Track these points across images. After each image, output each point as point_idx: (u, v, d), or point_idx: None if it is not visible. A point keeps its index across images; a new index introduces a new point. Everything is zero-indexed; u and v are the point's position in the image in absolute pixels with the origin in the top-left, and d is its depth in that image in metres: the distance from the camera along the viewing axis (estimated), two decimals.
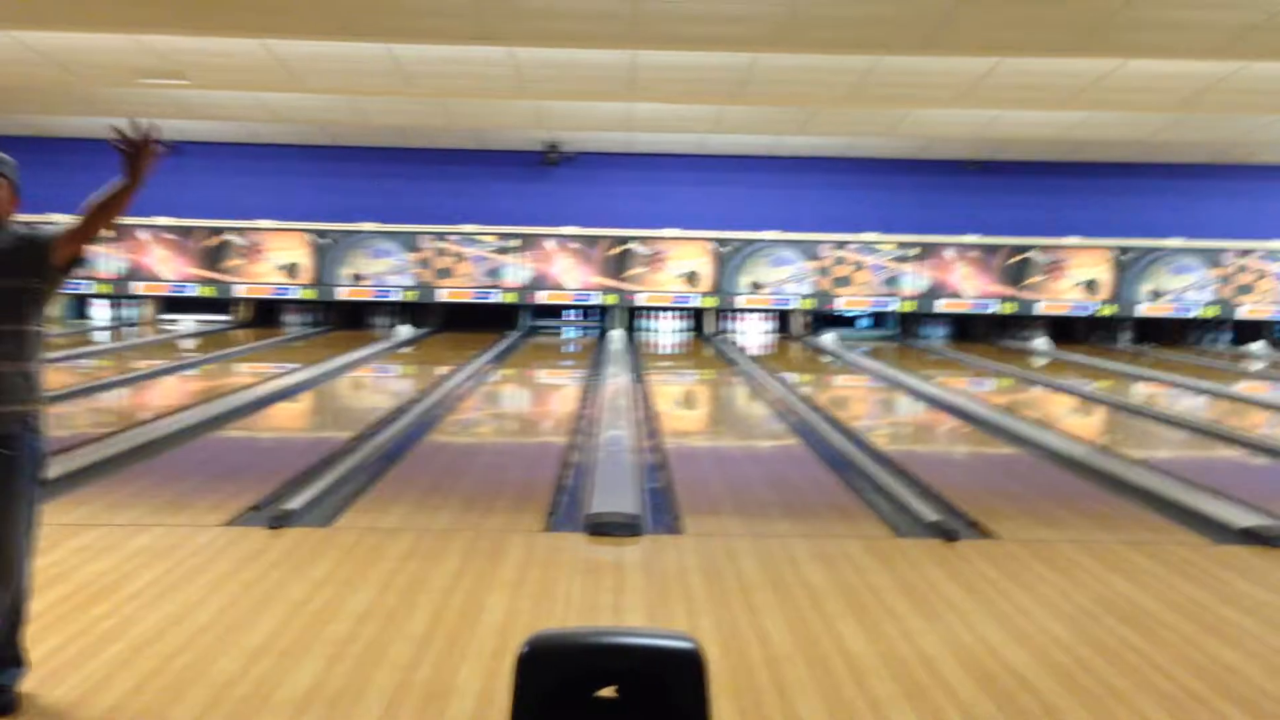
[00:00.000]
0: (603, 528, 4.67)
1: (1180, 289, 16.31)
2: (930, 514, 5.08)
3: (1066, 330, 16.72)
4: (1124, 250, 16.28)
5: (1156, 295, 16.30)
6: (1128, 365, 13.25)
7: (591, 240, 16.11)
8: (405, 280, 16.12)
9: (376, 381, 11.30)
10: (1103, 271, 16.31)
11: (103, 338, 14.53)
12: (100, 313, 16.61)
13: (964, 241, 16.31)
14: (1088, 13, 7.68)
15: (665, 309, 16.53)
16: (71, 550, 4.22)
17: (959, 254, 16.31)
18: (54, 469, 5.60)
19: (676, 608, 3.76)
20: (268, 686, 2.99)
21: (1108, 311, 16.40)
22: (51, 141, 15.81)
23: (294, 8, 7.88)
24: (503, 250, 16.10)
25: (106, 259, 15.93)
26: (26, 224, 3.04)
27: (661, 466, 6.27)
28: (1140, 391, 11.23)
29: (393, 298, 16.22)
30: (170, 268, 16.05)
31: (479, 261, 16.11)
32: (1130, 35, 8.13)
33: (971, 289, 16.34)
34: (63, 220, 3.07)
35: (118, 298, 16.39)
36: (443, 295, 16.15)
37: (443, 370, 11.28)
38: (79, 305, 16.65)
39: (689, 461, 6.53)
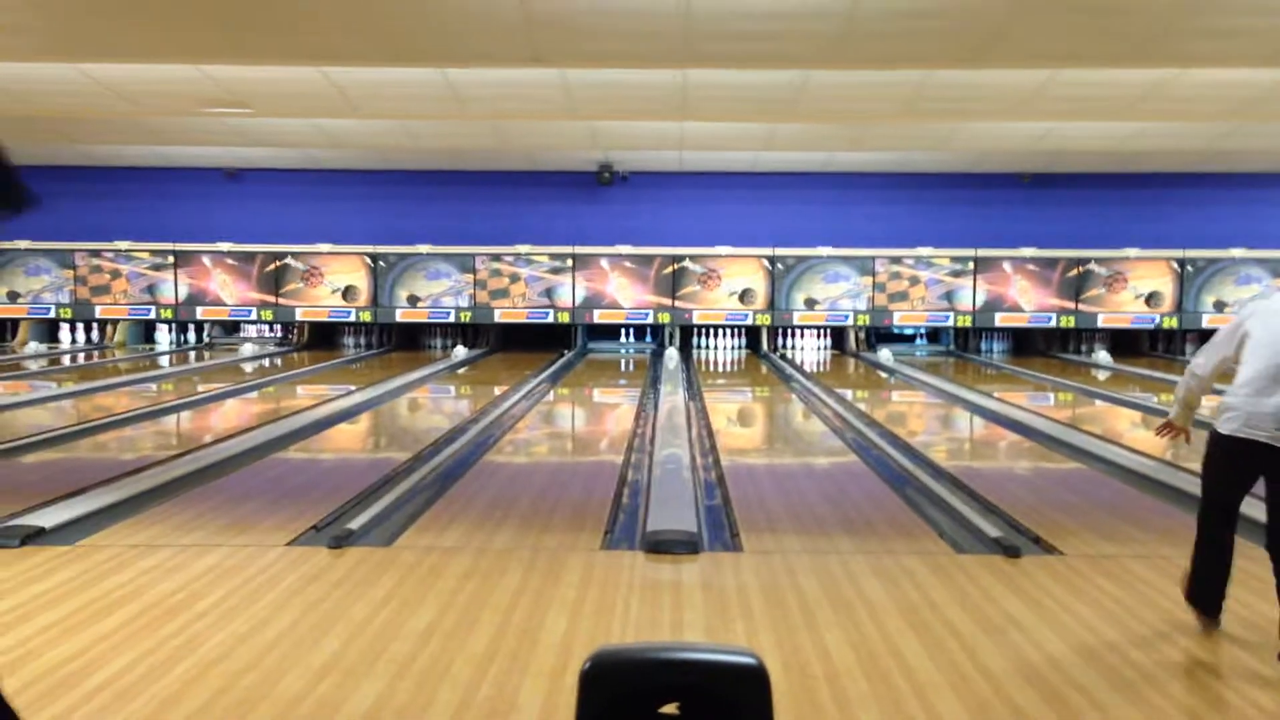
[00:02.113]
0: (661, 545, 4.67)
1: (1245, 299, 16.01)
2: (992, 530, 5.03)
3: (1129, 343, 16.48)
4: (1186, 261, 16.03)
5: (1221, 306, 16.01)
6: None
7: (645, 259, 16.15)
8: (461, 301, 16.27)
9: (434, 402, 11.39)
10: (1165, 283, 16.07)
11: (166, 362, 14.79)
12: (163, 337, 16.92)
13: (1021, 255, 16.14)
14: (1142, 23, 7.58)
15: (720, 327, 16.52)
16: (141, 570, 4.30)
17: (1016, 267, 16.14)
18: (123, 491, 5.75)
19: (736, 625, 3.75)
20: (332, 705, 3.02)
21: (1170, 324, 16.15)
22: (115, 171, 16.19)
23: (351, 36, 8.00)
24: (557, 270, 16.20)
25: (171, 285, 16.25)
26: None
27: (719, 484, 6.27)
28: (1205, 404, 11.01)
29: (449, 319, 16.37)
30: (231, 292, 16.32)
31: (534, 281, 16.21)
32: (1186, 44, 8.02)
33: (1029, 302, 16.16)
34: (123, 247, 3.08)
35: (182, 322, 16.69)
36: (498, 316, 16.27)
37: (499, 390, 11.36)
38: (144, 330, 16.97)
39: (746, 479, 6.51)
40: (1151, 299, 16.07)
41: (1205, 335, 16.22)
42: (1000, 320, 16.25)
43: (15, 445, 7.45)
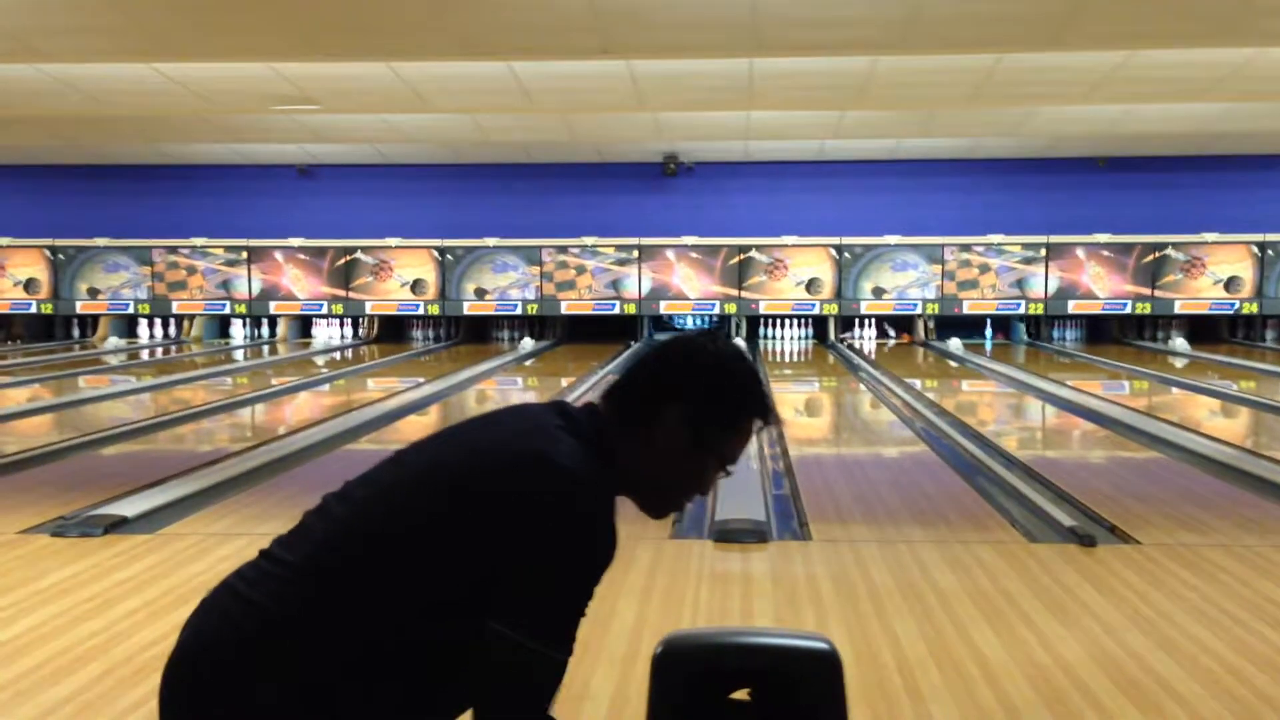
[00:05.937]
0: (730, 535, 4.67)
1: None
2: (1066, 519, 4.96)
3: (1207, 330, 16.09)
4: (1266, 245, 15.62)
5: None
6: (1273, 364, 12.71)
7: (712, 250, 16.12)
8: (528, 294, 16.36)
9: (501, 394, 11.48)
10: (1244, 268, 15.67)
11: (240, 355, 15.07)
12: (238, 332, 17.23)
13: (1094, 241, 15.84)
14: (1222, 1, 7.40)
15: (787, 316, 16.44)
16: (219, 558, 4.39)
17: (1089, 254, 15.85)
18: (201, 481, 5.87)
19: (806, 613, 3.74)
20: None
21: (1250, 309, 15.76)
22: (191, 169, 16.51)
23: (420, 32, 8.07)
24: (623, 262, 16.22)
25: (245, 280, 16.55)
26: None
27: (786, 474, 6.24)
28: None
29: (516, 311, 16.47)
30: (303, 287, 16.57)
31: (600, 273, 16.26)
32: (1268, 22, 7.81)
33: (1104, 289, 15.85)
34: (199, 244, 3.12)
35: (255, 317, 16.99)
36: (565, 308, 16.34)
37: (566, 381, 11.41)
38: (219, 325, 17.30)
39: (814, 468, 6.48)
40: (1230, 284, 15.68)
41: None
42: (1073, 308, 15.97)
43: (98, 437, 7.64)
